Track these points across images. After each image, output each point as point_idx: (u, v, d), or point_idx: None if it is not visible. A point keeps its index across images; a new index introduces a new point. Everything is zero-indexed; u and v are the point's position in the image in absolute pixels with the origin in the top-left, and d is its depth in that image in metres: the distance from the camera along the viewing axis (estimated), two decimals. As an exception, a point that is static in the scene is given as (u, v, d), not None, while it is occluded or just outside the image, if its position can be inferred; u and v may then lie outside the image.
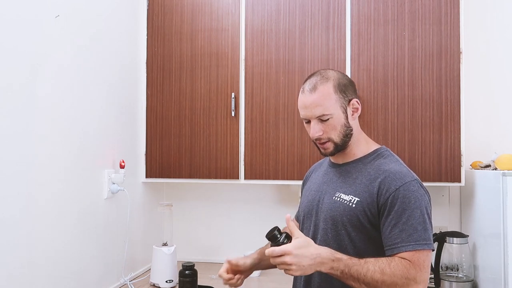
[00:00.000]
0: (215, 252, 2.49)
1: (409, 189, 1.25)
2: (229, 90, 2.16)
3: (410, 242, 1.21)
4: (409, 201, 1.24)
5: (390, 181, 1.27)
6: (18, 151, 1.38)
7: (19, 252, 1.38)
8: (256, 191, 2.42)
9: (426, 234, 1.22)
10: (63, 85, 1.61)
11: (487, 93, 2.26)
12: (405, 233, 1.22)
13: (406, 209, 1.23)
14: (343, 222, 1.30)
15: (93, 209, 1.80)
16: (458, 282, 1.95)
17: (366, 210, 1.28)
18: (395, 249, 1.22)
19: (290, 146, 2.10)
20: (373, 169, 1.33)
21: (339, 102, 1.33)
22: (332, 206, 1.34)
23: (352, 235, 1.29)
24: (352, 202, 1.30)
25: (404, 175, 1.28)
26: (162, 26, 2.24)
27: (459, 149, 1.96)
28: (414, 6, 2.02)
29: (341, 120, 1.33)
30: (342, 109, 1.33)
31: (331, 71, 1.39)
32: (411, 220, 1.22)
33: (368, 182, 1.30)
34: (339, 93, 1.33)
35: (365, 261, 1.19)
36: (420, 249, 1.21)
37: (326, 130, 1.34)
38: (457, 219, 2.28)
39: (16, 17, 1.37)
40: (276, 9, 2.14)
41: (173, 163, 2.21)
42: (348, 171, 1.38)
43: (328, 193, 1.38)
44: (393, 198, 1.24)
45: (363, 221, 1.28)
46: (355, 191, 1.31)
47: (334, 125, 1.33)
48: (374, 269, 1.17)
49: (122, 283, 2.02)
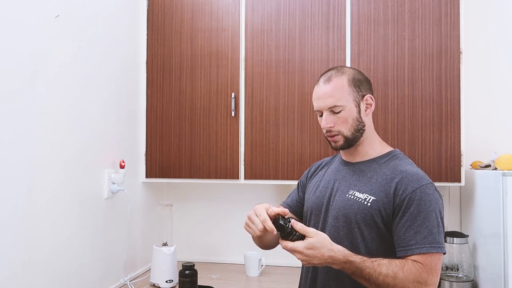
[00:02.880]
0: (215, 252, 2.49)
1: (425, 192, 1.25)
2: (229, 90, 2.16)
3: (424, 244, 1.21)
4: (425, 204, 1.24)
5: (407, 182, 1.27)
6: (18, 151, 1.38)
7: (19, 252, 1.38)
8: (256, 191, 2.42)
9: (439, 237, 1.23)
10: (63, 85, 1.61)
11: (487, 93, 2.26)
12: (420, 235, 1.22)
13: (422, 211, 1.23)
14: (357, 220, 1.30)
15: (93, 209, 1.80)
16: (458, 282, 1.95)
17: (382, 209, 1.28)
18: (409, 251, 1.22)
19: (290, 146, 2.10)
20: (389, 170, 1.33)
21: (352, 96, 1.34)
22: (345, 204, 1.33)
23: (365, 233, 1.29)
24: (367, 200, 1.30)
25: (421, 177, 1.29)
26: (162, 26, 2.24)
27: (459, 149, 1.96)
28: (414, 6, 2.02)
29: (353, 113, 1.33)
30: (355, 103, 1.34)
31: (347, 68, 1.41)
32: (426, 223, 1.22)
33: (384, 182, 1.30)
34: (353, 86, 1.34)
35: (378, 264, 1.19)
36: (434, 252, 1.21)
37: (337, 123, 1.34)
38: (457, 219, 2.28)
39: (16, 17, 1.37)
40: (276, 9, 2.14)
41: (173, 163, 2.21)
42: (362, 170, 1.38)
43: (341, 191, 1.38)
44: (410, 200, 1.25)
45: (377, 220, 1.28)
46: (371, 190, 1.31)
47: (345, 117, 1.33)
48: (386, 273, 1.17)
49: (122, 283, 2.02)
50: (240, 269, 2.29)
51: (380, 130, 2.01)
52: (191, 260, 2.25)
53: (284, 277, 2.17)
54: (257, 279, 2.18)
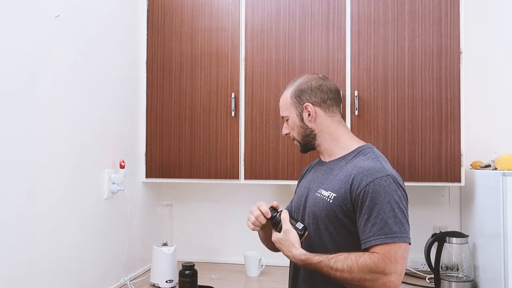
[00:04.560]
0: (215, 252, 2.49)
1: (379, 184, 1.28)
2: (229, 90, 2.16)
3: (380, 235, 1.24)
4: (379, 196, 1.27)
5: (362, 177, 1.31)
6: (18, 151, 1.38)
7: (19, 252, 1.38)
8: (256, 191, 2.42)
9: (396, 227, 1.25)
10: (63, 85, 1.61)
11: (487, 93, 2.26)
12: (376, 227, 1.25)
13: (377, 203, 1.27)
14: (322, 217, 1.36)
15: (93, 209, 1.80)
16: (458, 282, 1.95)
17: (342, 205, 1.33)
18: (367, 243, 1.26)
19: (290, 146, 2.10)
20: (351, 166, 1.37)
21: (294, 106, 1.48)
22: (314, 202, 1.41)
23: (331, 229, 1.35)
24: (329, 197, 1.35)
25: (376, 171, 1.31)
26: (162, 26, 2.24)
27: (459, 149, 1.96)
28: (414, 6, 2.02)
29: (296, 121, 1.48)
30: (297, 112, 1.47)
31: (302, 78, 1.51)
32: (381, 214, 1.26)
33: (344, 179, 1.35)
34: (294, 97, 1.48)
35: (335, 261, 1.26)
36: (390, 242, 1.24)
37: (290, 129, 1.51)
38: (457, 219, 2.28)
39: (16, 17, 1.37)
40: (276, 9, 2.14)
41: (173, 163, 2.21)
42: (331, 168, 1.44)
43: (313, 190, 1.45)
44: (364, 194, 1.29)
45: (340, 216, 1.33)
46: (333, 187, 1.37)
47: (292, 126, 1.49)
48: (342, 268, 1.24)
49: (122, 283, 2.02)
50: (240, 269, 2.29)
51: (380, 130, 2.01)
52: (191, 260, 2.25)
53: (284, 277, 2.16)
54: (257, 279, 2.18)
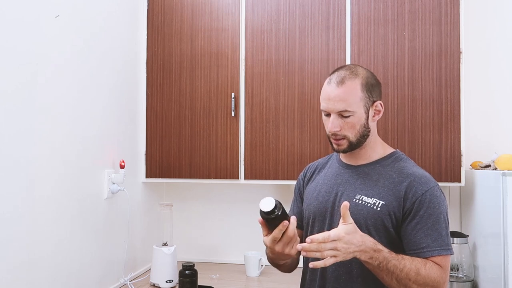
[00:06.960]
0: (215, 252, 2.49)
1: (434, 194, 1.26)
2: (229, 90, 2.16)
3: (435, 247, 1.22)
4: (434, 206, 1.25)
5: (416, 185, 1.27)
6: (18, 151, 1.38)
7: (18, 252, 1.38)
8: (256, 191, 2.42)
9: (448, 239, 1.25)
10: (63, 85, 1.61)
11: (487, 93, 2.25)
12: (431, 238, 1.23)
13: (432, 214, 1.24)
14: (367, 225, 1.28)
15: (93, 209, 1.80)
16: (458, 282, 1.95)
17: (391, 213, 1.27)
18: (421, 254, 1.23)
19: (290, 146, 2.10)
20: (395, 173, 1.32)
21: (363, 101, 1.30)
22: (353, 209, 1.27)
23: (376, 238, 1.24)
24: (376, 205, 1.28)
25: (428, 180, 1.29)
26: (162, 26, 2.24)
27: (459, 149, 1.96)
28: (414, 6, 2.02)
29: (361, 119, 1.30)
30: (365, 109, 1.30)
31: (361, 68, 1.35)
32: (436, 225, 1.23)
33: (392, 186, 1.29)
34: (365, 92, 1.30)
35: (402, 257, 1.19)
36: (445, 254, 1.23)
37: (345, 127, 1.30)
38: (457, 219, 2.27)
39: (16, 17, 1.37)
40: (276, 9, 2.14)
41: (173, 163, 2.21)
42: (366, 173, 1.36)
43: (346, 195, 1.34)
44: (420, 203, 1.25)
45: (387, 225, 1.27)
46: (379, 194, 1.30)
47: (353, 123, 1.30)
48: (410, 267, 1.17)
49: (122, 283, 2.02)
50: (240, 269, 2.29)
51: (380, 130, 2.00)
52: (191, 260, 2.25)
53: (284, 277, 2.16)
54: (257, 279, 2.18)
